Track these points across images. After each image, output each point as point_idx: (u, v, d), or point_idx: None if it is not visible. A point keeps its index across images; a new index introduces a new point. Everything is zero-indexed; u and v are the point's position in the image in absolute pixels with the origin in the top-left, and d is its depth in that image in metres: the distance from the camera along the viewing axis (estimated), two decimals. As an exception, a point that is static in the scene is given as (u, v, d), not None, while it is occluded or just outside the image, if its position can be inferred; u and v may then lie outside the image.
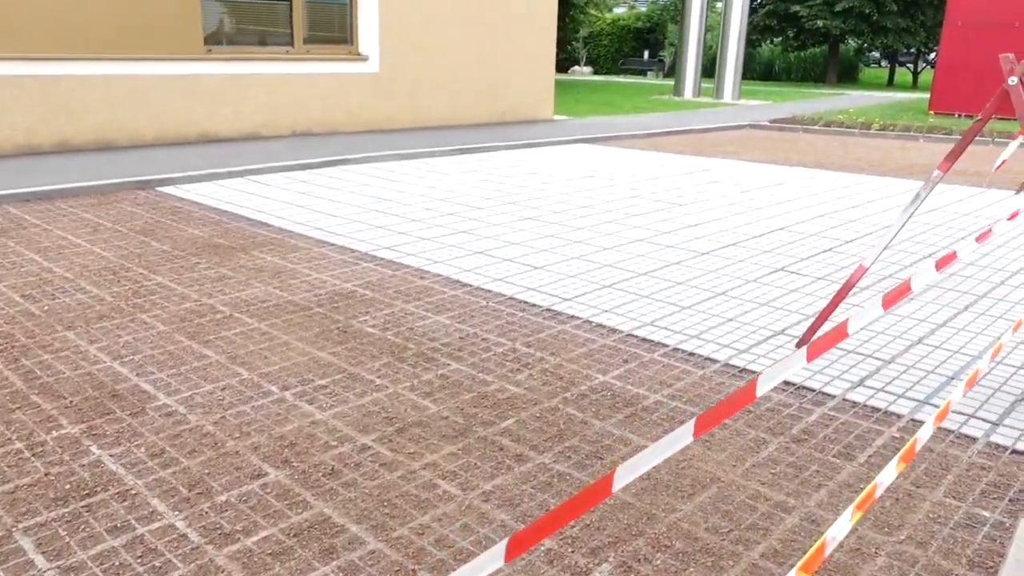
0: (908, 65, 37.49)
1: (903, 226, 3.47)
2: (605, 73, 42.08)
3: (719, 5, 27.06)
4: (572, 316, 4.21)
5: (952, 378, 3.48)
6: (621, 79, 34.11)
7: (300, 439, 2.90)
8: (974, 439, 2.96)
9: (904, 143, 12.99)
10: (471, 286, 4.70)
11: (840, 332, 1.52)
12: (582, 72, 42.42)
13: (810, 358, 1.44)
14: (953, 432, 3.00)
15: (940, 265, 2.23)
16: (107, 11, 8.97)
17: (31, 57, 8.62)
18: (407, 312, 4.24)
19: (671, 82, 26.38)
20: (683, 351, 3.76)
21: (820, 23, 28.37)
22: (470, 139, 11.06)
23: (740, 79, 20.98)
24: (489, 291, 4.61)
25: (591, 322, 4.13)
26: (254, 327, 4.00)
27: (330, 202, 7.03)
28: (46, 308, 4.24)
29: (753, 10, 31.47)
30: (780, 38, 32.06)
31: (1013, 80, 3.03)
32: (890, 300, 1.70)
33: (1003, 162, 4.75)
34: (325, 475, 2.67)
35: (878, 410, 3.18)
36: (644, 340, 3.89)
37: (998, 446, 2.90)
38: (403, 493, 2.56)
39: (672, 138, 12.87)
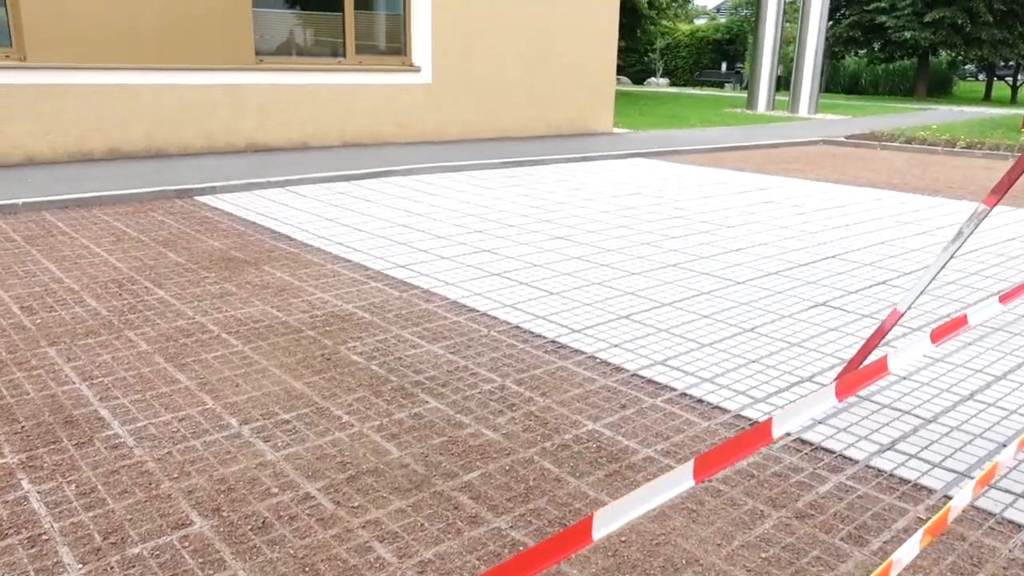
0: (1007, 79, 35.39)
1: (944, 266, 3.00)
2: (682, 85, 41.30)
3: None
4: (576, 350, 3.86)
5: (1004, 445, 2.98)
6: (696, 91, 33.34)
7: (241, 483, 2.65)
8: (1020, 526, 2.48)
9: (991, 163, 12.07)
10: (477, 312, 4.40)
11: (879, 367, 1.30)
12: (658, 84, 41.73)
13: (840, 396, 1.23)
14: (994, 516, 2.53)
15: (1006, 299, 1.81)
16: (158, 22, 9.08)
17: (82, 67, 8.78)
18: (401, 339, 3.97)
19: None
20: (691, 397, 3.36)
21: (908, 34, 27.00)
22: (520, 152, 10.78)
23: (818, 92, 20.08)
24: (495, 318, 4.30)
25: (596, 358, 3.77)
26: (237, 350, 3.79)
27: (360, 215, 6.85)
28: (39, 321, 4.14)
29: (836, 21, 30.26)
30: (865, 50, 30.69)
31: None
32: (940, 334, 1.47)
33: None
34: (254, 529, 2.41)
35: (906, 482, 2.72)
36: (650, 382, 3.51)
37: (1048, 537, 2.42)
38: (331, 557, 2.27)
39: (735, 154, 12.30)
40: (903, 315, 3.08)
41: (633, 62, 45.02)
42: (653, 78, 42.80)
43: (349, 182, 8.45)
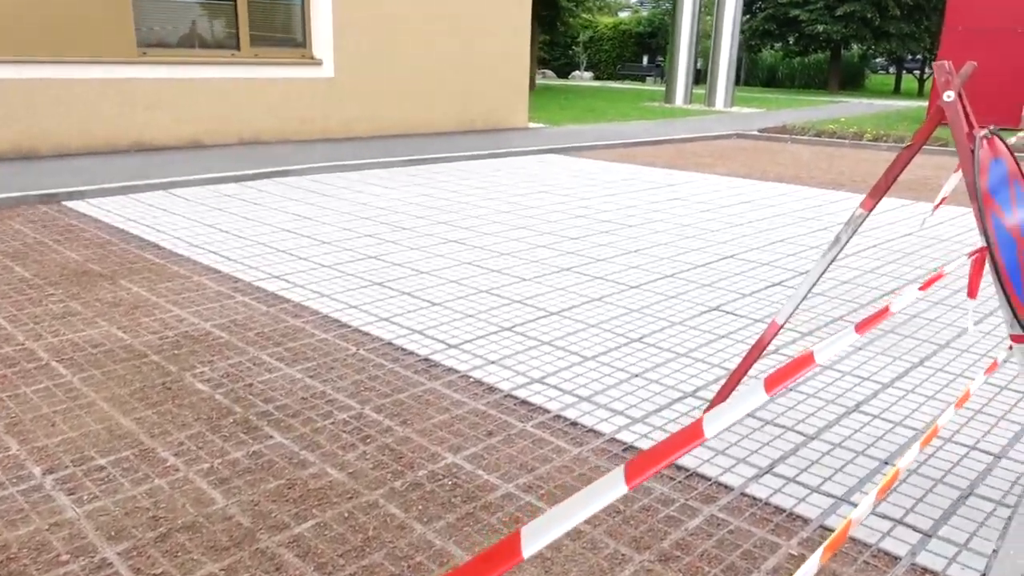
0: (915, 72, 36.65)
1: (822, 274, 2.81)
2: (606, 79, 41.45)
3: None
4: (449, 369, 3.56)
5: (886, 463, 2.82)
6: (618, 85, 33.49)
7: (25, 550, 2.26)
8: (896, 558, 2.30)
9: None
10: (349, 327, 4.06)
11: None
12: (583, 77, 41.82)
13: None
14: (870, 547, 2.34)
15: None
16: (29, 10, 8.39)
17: (-55, 59, 8.05)
18: (257, 362, 3.60)
19: (667, 88, 25.69)
20: (564, 420, 3.10)
21: (820, 28, 27.62)
22: (429, 149, 10.43)
23: (733, 86, 20.29)
24: (367, 334, 3.97)
25: (469, 377, 3.48)
26: (63, 381, 3.36)
27: (243, 220, 6.40)
28: None
29: (752, 14, 30.77)
30: (780, 43, 31.32)
31: (949, 95, 2.37)
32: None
33: (943, 200, 4.04)
34: (27, 610, 2.04)
35: (781, 511, 2.52)
36: (523, 403, 3.24)
37: (925, 572, 2.24)
38: (112, 644, 1.92)
39: (649, 148, 12.21)
40: (782, 327, 2.88)
41: (558, 55, 45.03)
42: (577, 72, 42.90)
43: (238, 183, 7.96)
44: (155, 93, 9.35)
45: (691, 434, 1.11)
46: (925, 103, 24.51)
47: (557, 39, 36.60)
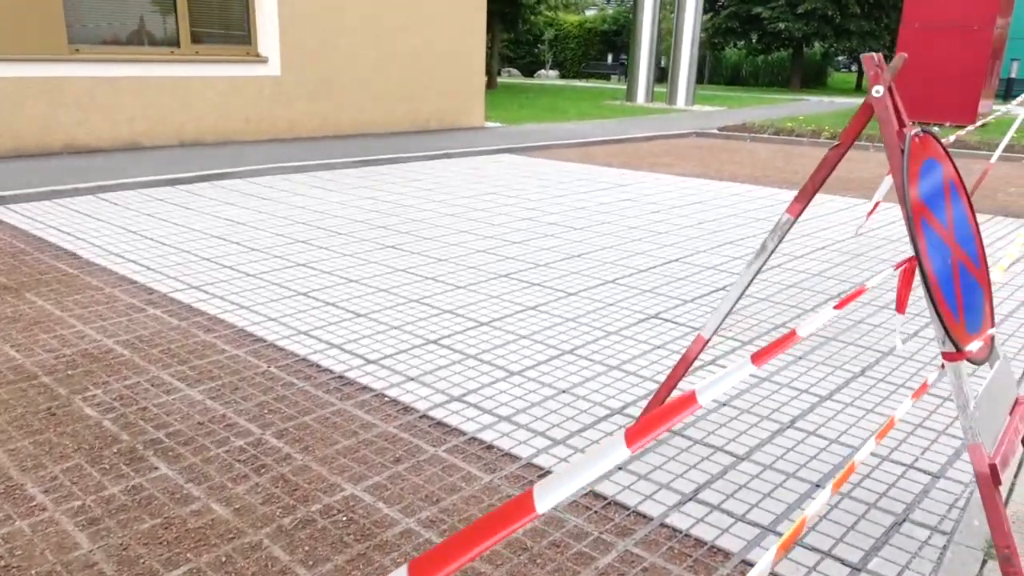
0: (875, 70, 36.91)
1: (749, 284, 2.63)
2: (572, 77, 41.34)
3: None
4: (365, 387, 3.33)
5: (818, 485, 2.65)
6: (582, 83, 33.39)
7: None
8: (820, 596, 2.12)
9: (852, 153, 12.26)
10: (264, 342, 3.81)
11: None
12: (548, 75, 41.67)
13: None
14: (793, 584, 2.15)
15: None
16: (-48, 6, 7.99)
17: None
18: (156, 382, 3.34)
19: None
20: (480, 443, 2.89)
21: (782, 25, 27.74)
22: (379, 149, 10.16)
23: (694, 84, 20.25)
24: (282, 349, 3.72)
25: (384, 396, 3.25)
26: (-63, 408, 3.08)
27: (172, 226, 6.10)
28: None
29: (715, 12, 30.84)
30: (743, 41, 31.44)
31: (878, 90, 2.20)
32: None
33: (876, 204, 3.90)
34: None
35: (702, 544, 2.33)
36: (439, 424, 3.02)
37: (849, 611, 2.06)
38: None
39: (606, 148, 12.05)
40: (708, 341, 2.70)
41: (523, 54, 44.84)
42: (543, 70, 42.74)
43: (173, 187, 7.63)
44: (87, 92, 8.97)
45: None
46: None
47: (520, 37, 36.39)
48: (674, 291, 4.74)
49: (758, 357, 1.44)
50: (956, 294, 2.10)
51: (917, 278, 2.21)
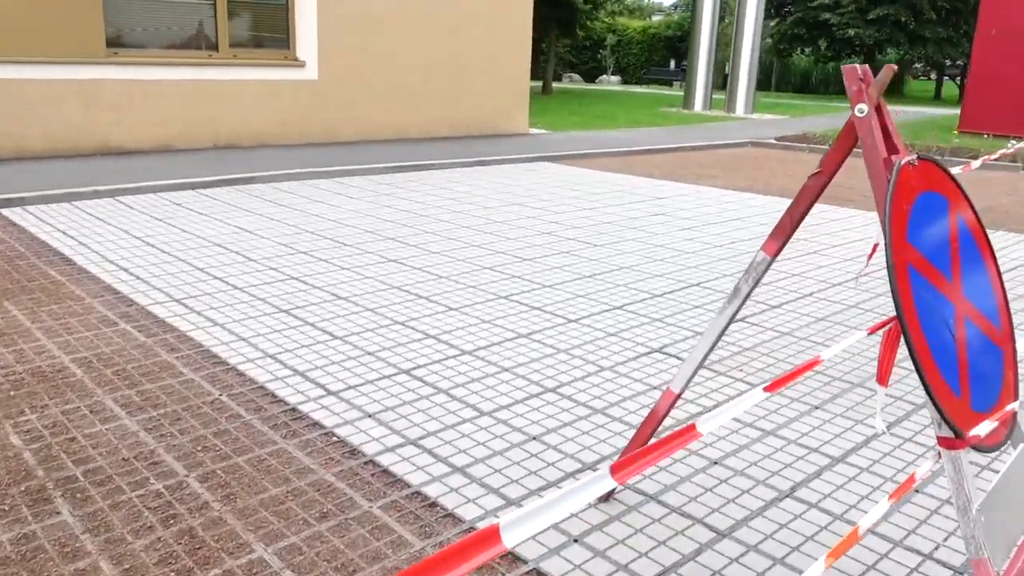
0: (957, 79, 35.30)
1: (723, 333, 2.23)
2: (635, 83, 40.68)
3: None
4: (315, 423, 3.03)
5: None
6: (642, 90, 32.79)
7: None
8: None
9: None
10: (226, 365, 3.55)
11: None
12: (610, 81, 41.10)
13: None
14: None
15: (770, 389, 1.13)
16: (-9, 7, 8.06)
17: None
18: (96, 408, 3.10)
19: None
20: (424, 498, 2.55)
21: (852, 32, 26.64)
22: (414, 155, 9.93)
23: (754, 91, 19.53)
24: (242, 375, 3.45)
25: (332, 436, 2.94)
26: None
27: (179, 232, 5.95)
28: None
29: (782, 18, 29.86)
30: (811, 48, 30.36)
31: (862, 109, 1.79)
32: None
33: (875, 247, 3.41)
34: None
35: (650, 648, 1.94)
36: (382, 473, 2.69)
37: None
38: None
39: (652, 157, 11.57)
40: (678, 397, 2.30)
41: (586, 59, 44.41)
42: (605, 76, 42.19)
43: (194, 191, 7.52)
44: (124, 95, 8.97)
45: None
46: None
47: (579, 42, 35.99)
48: (686, 321, 4.31)
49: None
50: (959, 362, 1.67)
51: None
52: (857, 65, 1.84)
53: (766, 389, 1.39)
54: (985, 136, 14.89)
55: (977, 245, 1.95)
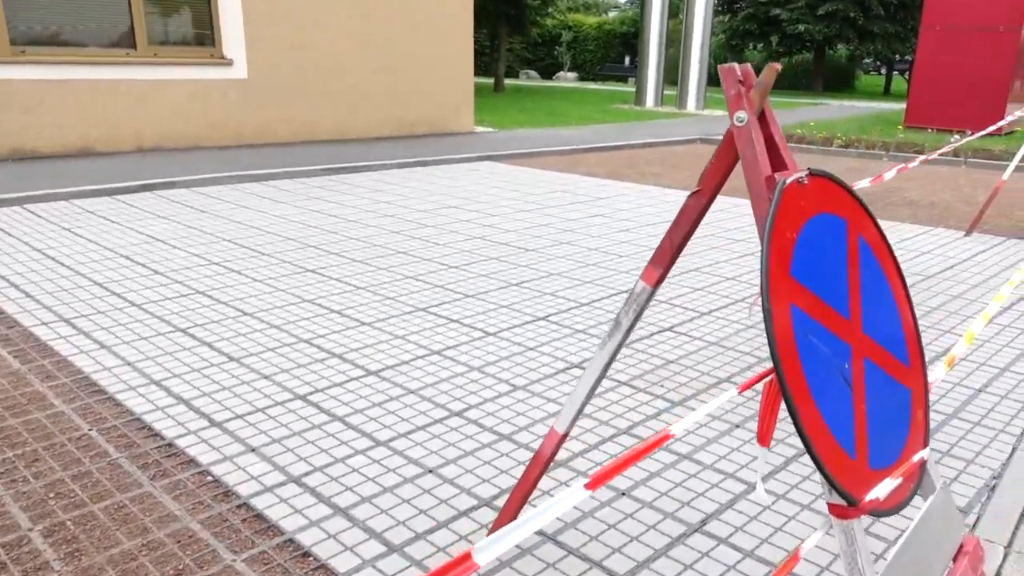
0: (906, 73, 35.84)
1: (604, 371, 2.01)
2: (592, 79, 40.60)
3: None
4: (190, 461, 2.75)
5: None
6: (598, 86, 32.73)
7: None
8: None
9: (862, 163, 11.50)
10: (104, 394, 3.24)
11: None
12: (566, 78, 40.97)
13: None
14: None
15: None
16: None
17: None
18: (-56, 450, 2.78)
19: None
20: (296, 547, 2.29)
21: (802, 28, 26.79)
22: (353, 156, 9.61)
23: (705, 87, 19.50)
24: (120, 405, 3.15)
25: (207, 475, 2.66)
26: None
27: (85, 242, 5.58)
28: None
29: (733, 13, 29.98)
30: (763, 44, 30.52)
31: (741, 118, 1.58)
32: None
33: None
34: None
35: None
36: (255, 519, 2.42)
37: None
38: None
39: (598, 155, 11.40)
40: (564, 437, 2.08)
41: (542, 56, 44.25)
42: (562, 72, 42.04)
43: (111, 197, 7.13)
44: (35, 95, 8.51)
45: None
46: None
47: (532, 39, 35.80)
48: (582, 343, 4.10)
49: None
50: (856, 415, 1.47)
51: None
52: (736, 65, 1.62)
53: (588, 487, 1.20)
54: (929, 131, 15.00)
55: (881, 268, 1.75)
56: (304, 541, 2.32)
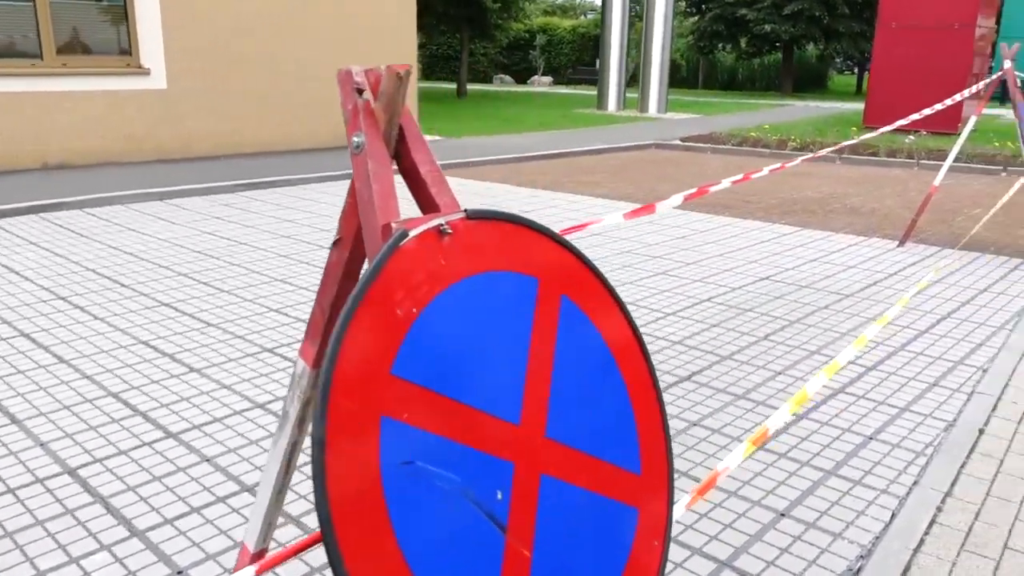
0: (873, 73, 35.67)
1: (286, 476, 1.55)
2: (566, 83, 40.22)
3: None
4: None
5: None
6: (566, 90, 32.38)
7: None
8: None
9: (815, 166, 11.12)
10: None
11: None
12: (541, 82, 40.59)
13: None
14: None
15: None
16: None
17: None
18: None
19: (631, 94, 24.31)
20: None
21: (769, 28, 26.52)
22: (274, 169, 9.13)
23: (667, 90, 19.14)
24: None
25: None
26: None
27: (-70, 276, 5.08)
28: None
29: (701, 14, 29.72)
30: (731, 44, 30.26)
31: (358, 143, 1.14)
32: None
33: None
34: None
35: None
36: None
37: None
38: None
39: (543, 163, 10.96)
40: (258, 556, 1.62)
41: (518, 60, 43.91)
42: (536, 76, 41.65)
43: (-12, 222, 6.62)
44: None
45: None
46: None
47: (503, 43, 35.42)
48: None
49: None
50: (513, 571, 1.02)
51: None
52: (356, 68, 1.17)
53: None
54: (882, 131, 14.67)
55: (602, 338, 1.30)
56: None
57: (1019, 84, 6.12)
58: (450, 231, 1.13)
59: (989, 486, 2.71)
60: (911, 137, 12.50)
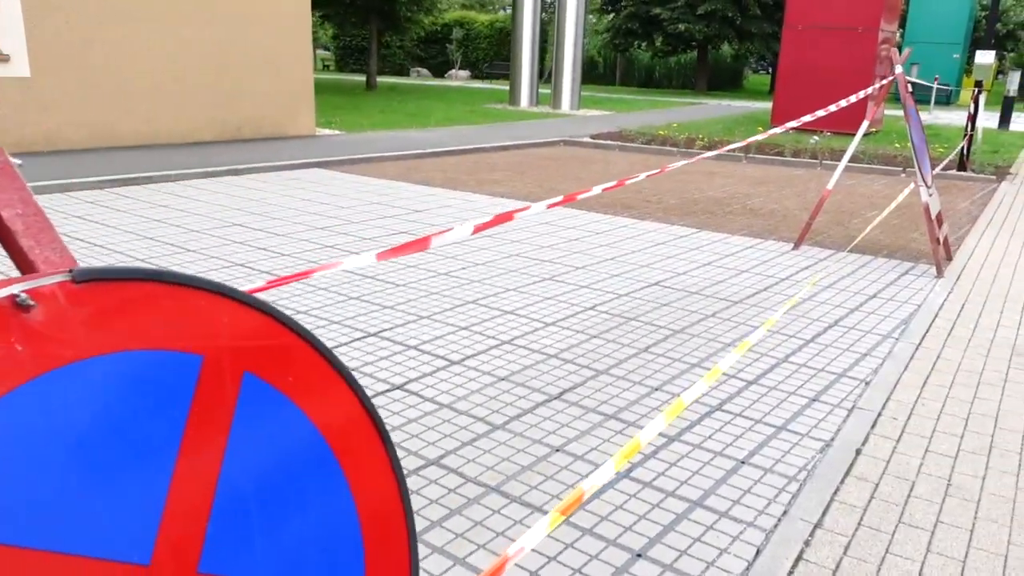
0: (784, 73, 36.64)
1: None
2: (482, 78, 39.93)
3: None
4: None
5: None
6: (482, 85, 32.08)
7: None
8: None
9: (720, 166, 11.14)
10: None
11: None
12: (458, 76, 40.16)
13: None
14: None
15: None
16: None
17: None
18: None
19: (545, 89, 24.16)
20: None
21: (683, 27, 26.85)
22: (150, 164, 8.50)
23: (579, 87, 19.06)
24: None
25: None
26: None
27: None
28: None
29: (616, 12, 29.87)
30: (646, 43, 30.53)
31: None
32: None
33: None
34: None
35: None
36: None
37: None
38: None
39: (443, 160, 10.62)
40: None
41: (435, 53, 43.36)
42: (453, 71, 41.19)
43: None
44: None
45: None
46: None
47: (419, 36, 34.89)
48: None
49: None
50: None
51: None
52: None
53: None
54: (788, 131, 14.91)
55: (309, 421, 0.98)
56: None
57: (909, 89, 6.16)
58: (32, 303, 0.79)
59: (861, 515, 2.53)
60: (816, 138, 12.70)
